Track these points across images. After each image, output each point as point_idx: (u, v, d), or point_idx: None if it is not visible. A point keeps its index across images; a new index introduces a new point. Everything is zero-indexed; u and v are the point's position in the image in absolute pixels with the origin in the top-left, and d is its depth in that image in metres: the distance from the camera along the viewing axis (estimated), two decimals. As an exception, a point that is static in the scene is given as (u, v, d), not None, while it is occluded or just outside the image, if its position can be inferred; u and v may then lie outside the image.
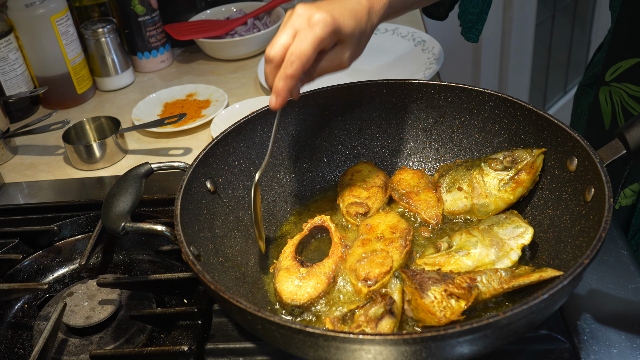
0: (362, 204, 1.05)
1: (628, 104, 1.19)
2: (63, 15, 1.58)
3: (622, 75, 1.20)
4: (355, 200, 1.06)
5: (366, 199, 1.07)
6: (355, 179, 1.10)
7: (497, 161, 1.01)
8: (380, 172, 1.11)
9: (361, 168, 1.13)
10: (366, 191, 1.08)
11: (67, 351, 0.95)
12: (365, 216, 1.04)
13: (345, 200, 1.07)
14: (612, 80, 1.22)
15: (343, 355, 0.71)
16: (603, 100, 1.25)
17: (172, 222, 0.87)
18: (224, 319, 0.93)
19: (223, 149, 1.03)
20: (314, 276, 0.92)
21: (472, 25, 1.29)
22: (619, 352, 0.85)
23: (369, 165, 1.13)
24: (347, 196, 1.08)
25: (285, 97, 0.89)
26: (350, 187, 1.09)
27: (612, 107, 1.22)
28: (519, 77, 3.24)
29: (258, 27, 1.84)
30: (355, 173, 1.11)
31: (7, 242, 1.12)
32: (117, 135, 1.42)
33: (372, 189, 1.08)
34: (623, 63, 1.19)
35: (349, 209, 1.05)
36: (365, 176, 1.10)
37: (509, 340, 0.75)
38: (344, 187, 1.10)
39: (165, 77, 1.79)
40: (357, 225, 1.03)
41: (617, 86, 1.21)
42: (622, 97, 1.20)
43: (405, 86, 1.12)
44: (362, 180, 1.10)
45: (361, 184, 1.09)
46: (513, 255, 0.91)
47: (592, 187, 0.86)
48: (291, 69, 0.87)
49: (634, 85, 1.18)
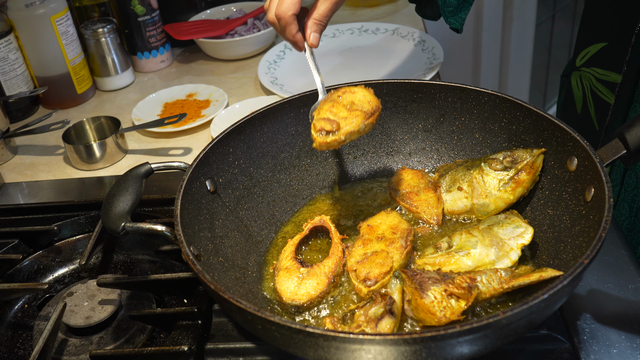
0: (332, 121, 0.93)
1: (596, 87, 1.21)
2: (63, 15, 1.58)
3: (590, 59, 1.22)
4: (330, 117, 0.94)
5: (342, 118, 0.94)
6: (345, 97, 0.98)
7: (497, 161, 1.01)
8: (375, 101, 0.98)
9: (358, 90, 1.00)
10: (347, 111, 0.95)
11: (67, 351, 0.95)
12: (330, 134, 0.92)
13: (320, 114, 0.96)
14: (582, 65, 1.25)
15: (343, 355, 0.71)
16: (575, 85, 1.28)
17: (172, 222, 0.87)
18: (224, 319, 0.93)
19: (223, 149, 1.03)
20: (314, 276, 0.92)
21: (454, 11, 1.29)
22: (619, 352, 0.85)
23: (367, 92, 0.99)
24: (324, 110, 0.96)
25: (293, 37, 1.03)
26: (333, 102, 0.97)
27: (583, 91, 1.25)
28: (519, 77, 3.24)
29: (258, 27, 1.84)
30: (348, 92, 0.99)
31: (7, 242, 1.12)
32: (117, 135, 1.42)
33: (355, 112, 0.95)
34: (591, 48, 1.21)
35: (317, 122, 0.93)
36: (356, 99, 0.98)
37: (509, 340, 0.75)
38: (327, 100, 0.99)
39: (165, 77, 1.79)
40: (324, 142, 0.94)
41: (586, 71, 1.24)
42: (591, 81, 1.23)
43: (405, 86, 1.12)
44: (350, 100, 0.97)
45: (347, 103, 0.97)
46: (513, 255, 0.91)
47: (592, 187, 0.86)
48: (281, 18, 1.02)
49: (601, 69, 1.20)
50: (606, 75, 1.19)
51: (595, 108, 1.24)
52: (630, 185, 1.20)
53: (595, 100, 1.23)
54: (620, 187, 1.22)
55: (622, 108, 1.18)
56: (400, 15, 1.98)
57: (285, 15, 1.01)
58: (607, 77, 1.18)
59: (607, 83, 1.19)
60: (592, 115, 1.25)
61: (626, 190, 1.22)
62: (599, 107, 1.23)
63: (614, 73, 1.18)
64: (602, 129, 1.24)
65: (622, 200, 1.23)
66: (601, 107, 1.23)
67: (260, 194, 1.08)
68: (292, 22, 1.02)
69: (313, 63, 1.06)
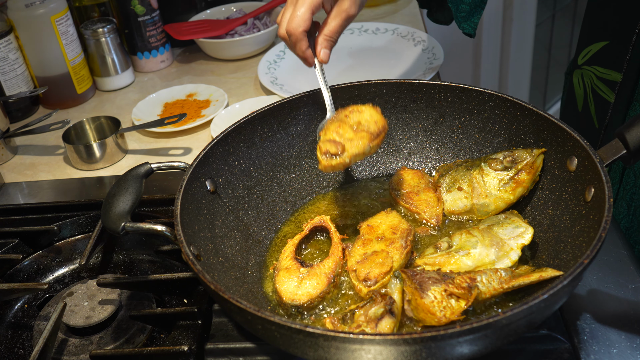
0: (337, 143, 0.94)
1: (597, 85, 1.22)
2: (63, 15, 1.58)
3: (592, 58, 1.23)
4: (336, 138, 0.96)
5: (348, 140, 0.95)
6: (352, 117, 0.99)
7: (497, 161, 1.01)
8: (381, 121, 1.00)
9: (365, 110, 1.01)
10: (353, 132, 0.97)
11: (67, 351, 0.95)
12: (335, 157, 0.94)
13: (326, 134, 0.97)
14: (583, 63, 1.25)
15: (343, 355, 0.71)
16: (576, 83, 1.29)
17: (172, 222, 0.87)
18: (224, 319, 0.93)
19: (223, 149, 1.03)
20: (314, 276, 0.92)
21: (467, 16, 1.30)
22: (619, 352, 0.85)
23: (374, 111, 1.01)
24: (331, 131, 0.97)
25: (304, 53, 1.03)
26: (340, 122, 0.98)
27: (584, 89, 1.26)
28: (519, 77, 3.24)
29: (258, 27, 1.84)
30: (356, 112, 1.00)
31: (7, 242, 1.12)
32: (117, 135, 1.42)
33: (361, 133, 0.96)
34: (593, 46, 1.22)
35: (323, 144, 0.94)
36: (363, 118, 0.99)
37: (509, 340, 0.75)
38: (334, 120, 1.00)
39: (165, 77, 1.79)
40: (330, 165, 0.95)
41: (587, 69, 1.24)
42: (592, 79, 1.23)
43: (405, 86, 1.12)
44: (357, 120, 0.98)
45: (354, 124, 0.98)
46: (513, 255, 0.91)
47: (592, 187, 0.86)
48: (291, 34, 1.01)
49: (602, 67, 1.21)
50: (607, 73, 1.19)
51: (596, 106, 1.24)
52: (629, 183, 1.21)
53: (595, 98, 1.24)
54: (619, 185, 1.23)
55: (622, 107, 1.18)
56: (400, 15, 1.98)
57: (296, 31, 1.00)
58: (608, 75, 1.19)
59: (608, 81, 1.20)
60: (593, 114, 1.26)
61: (625, 189, 1.22)
62: (599, 106, 1.24)
63: (614, 72, 1.18)
64: (601, 127, 1.24)
65: (620, 198, 1.23)
66: (601, 105, 1.23)
67: (260, 194, 1.09)
68: (302, 39, 1.01)
69: (322, 79, 1.06)
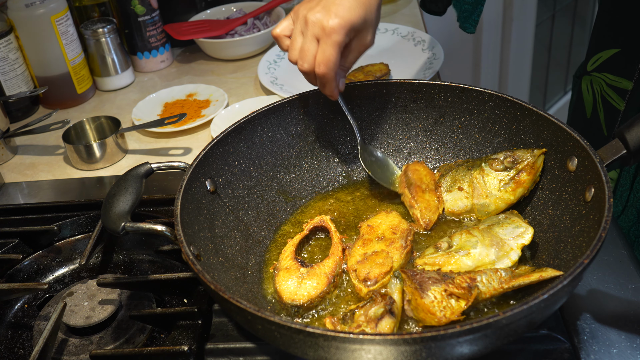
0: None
1: (607, 92, 1.21)
2: (63, 15, 1.58)
3: (602, 65, 1.22)
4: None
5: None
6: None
7: (498, 161, 1.01)
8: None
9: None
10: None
11: (67, 351, 0.95)
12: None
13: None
14: (593, 70, 1.25)
15: (343, 355, 0.71)
16: (585, 89, 1.28)
17: (172, 222, 0.87)
18: (224, 319, 0.93)
19: (223, 149, 1.03)
20: (314, 276, 0.93)
21: (468, 15, 1.30)
22: (619, 352, 0.85)
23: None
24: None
25: (332, 92, 1.02)
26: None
27: (593, 95, 1.25)
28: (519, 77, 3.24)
29: (258, 27, 1.84)
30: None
31: (7, 242, 1.12)
32: (117, 135, 1.42)
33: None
34: (603, 53, 1.21)
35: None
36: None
37: (509, 340, 0.75)
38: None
39: (165, 77, 1.79)
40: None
41: (597, 76, 1.24)
42: (602, 86, 1.23)
43: (405, 86, 1.12)
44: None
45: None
46: (513, 255, 0.91)
47: (592, 187, 0.86)
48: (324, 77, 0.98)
49: (612, 74, 1.20)
50: (617, 81, 1.19)
51: (605, 114, 1.23)
52: (639, 191, 1.20)
53: (605, 105, 1.23)
54: (629, 192, 1.21)
55: (632, 115, 1.17)
56: (400, 15, 1.98)
57: (330, 75, 0.97)
58: (618, 83, 1.18)
59: (618, 89, 1.19)
60: (602, 121, 1.25)
61: (635, 196, 1.20)
62: (608, 113, 1.23)
63: (625, 80, 1.17)
64: (610, 135, 1.23)
65: (630, 206, 1.22)
66: (611, 113, 1.22)
67: (260, 194, 1.09)
68: (334, 79, 0.99)
69: (345, 106, 1.07)
